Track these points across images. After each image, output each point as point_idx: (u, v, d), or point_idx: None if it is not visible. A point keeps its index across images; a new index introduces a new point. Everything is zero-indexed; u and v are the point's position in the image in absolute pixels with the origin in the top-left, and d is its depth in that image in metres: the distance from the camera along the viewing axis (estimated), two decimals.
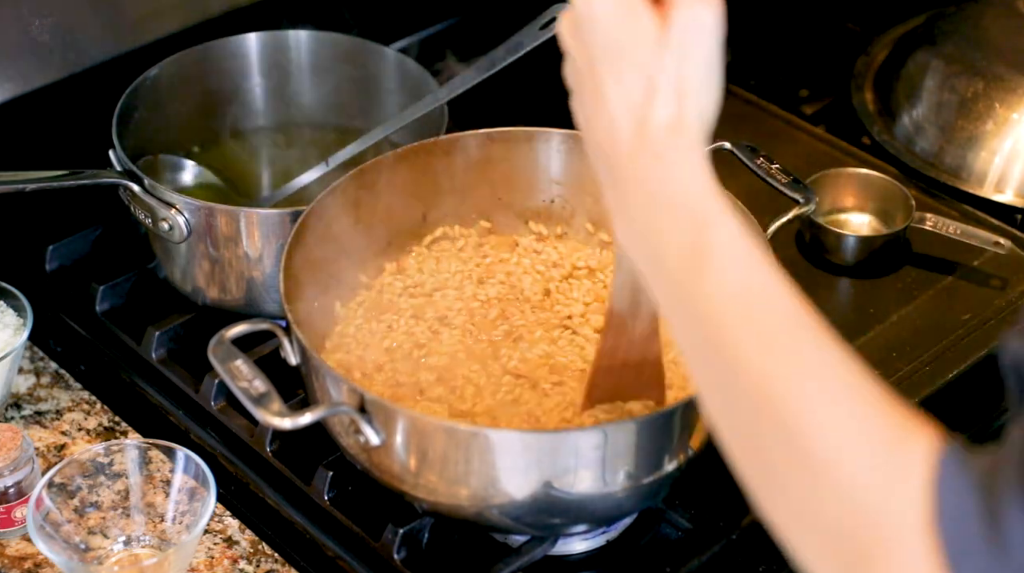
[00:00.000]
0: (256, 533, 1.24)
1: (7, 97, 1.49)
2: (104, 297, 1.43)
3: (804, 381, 0.79)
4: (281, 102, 1.55)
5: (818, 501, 0.77)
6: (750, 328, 0.81)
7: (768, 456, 0.80)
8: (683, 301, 0.85)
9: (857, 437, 0.76)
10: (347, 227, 1.29)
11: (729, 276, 0.83)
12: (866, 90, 1.70)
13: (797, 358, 0.80)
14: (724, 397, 0.83)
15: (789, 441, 0.78)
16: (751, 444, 0.81)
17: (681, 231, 0.85)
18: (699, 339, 0.84)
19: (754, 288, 0.82)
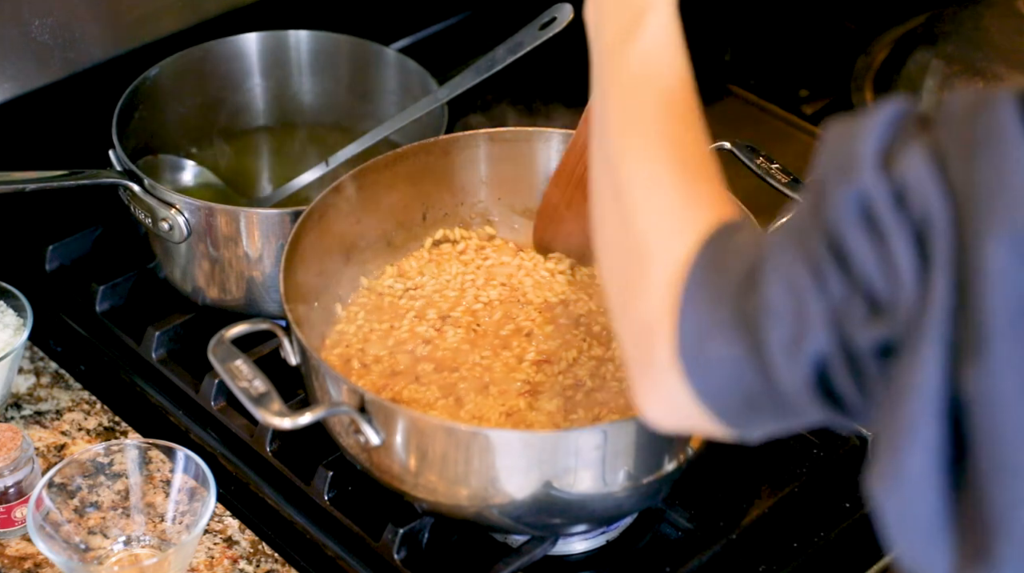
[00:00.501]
0: (256, 533, 1.24)
1: (7, 97, 1.49)
2: (104, 297, 1.43)
3: (640, 144, 0.93)
4: (281, 102, 1.55)
5: (619, 240, 0.91)
6: (624, 89, 0.95)
7: (603, 201, 0.94)
8: (599, 75, 0.98)
9: (662, 196, 0.90)
10: (347, 227, 1.30)
11: (636, 54, 0.96)
12: (866, 90, 1.70)
13: (647, 127, 0.93)
14: (593, 146, 0.97)
15: (616, 189, 0.92)
16: (597, 192, 0.95)
17: (627, 10, 0.97)
18: (599, 108, 0.97)
19: (652, 60, 0.95)
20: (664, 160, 0.91)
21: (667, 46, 0.96)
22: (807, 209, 0.79)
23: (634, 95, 0.95)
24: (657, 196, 0.90)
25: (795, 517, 1.24)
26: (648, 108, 0.94)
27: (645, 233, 0.89)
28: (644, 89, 0.95)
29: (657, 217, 0.89)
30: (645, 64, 0.95)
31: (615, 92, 0.96)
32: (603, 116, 0.96)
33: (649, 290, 0.86)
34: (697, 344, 0.83)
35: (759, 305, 0.79)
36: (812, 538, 1.23)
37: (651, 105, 0.94)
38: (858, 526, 1.24)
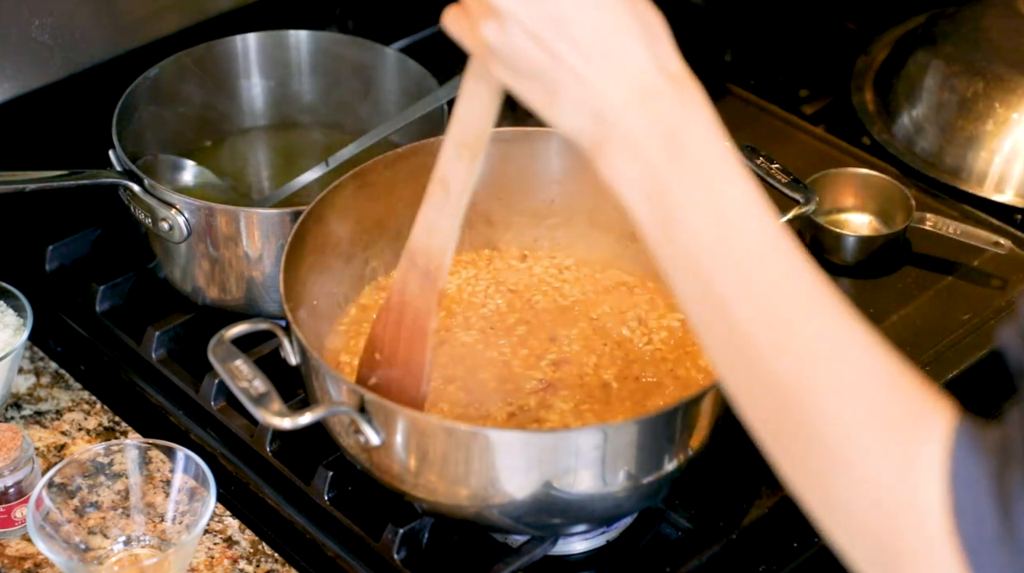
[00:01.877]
0: (256, 533, 1.24)
1: (7, 97, 1.49)
2: (104, 297, 1.43)
3: (815, 367, 0.78)
4: (281, 102, 1.55)
5: (839, 489, 0.77)
6: (773, 303, 0.79)
7: (788, 439, 0.79)
8: (699, 268, 0.81)
9: (871, 424, 0.76)
10: (347, 227, 1.29)
11: (753, 246, 0.80)
12: (866, 90, 1.70)
13: (809, 341, 0.78)
14: (740, 380, 0.82)
15: (804, 431, 0.78)
16: (772, 426, 0.81)
17: (697, 185, 0.81)
18: (715, 311, 0.81)
19: (778, 259, 0.80)
20: (855, 371, 0.77)
21: (772, 219, 0.80)
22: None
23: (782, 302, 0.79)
24: (868, 423, 0.76)
25: (795, 517, 1.23)
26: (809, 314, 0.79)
27: (876, 479, 0.76)
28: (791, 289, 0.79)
29: (882, 453, 0.75)
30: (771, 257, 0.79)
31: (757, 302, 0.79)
32: (744, 331, 0.80)
33: (922, 555, 0.74)
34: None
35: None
36: (812, 538, 1.22)
37: (810, 308, 0.79)
38: None
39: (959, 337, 1.39)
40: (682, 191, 0.81)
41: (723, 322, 0.81)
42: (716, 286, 0.80)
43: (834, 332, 0.79)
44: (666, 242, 0.82)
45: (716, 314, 0.81)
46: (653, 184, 0.82)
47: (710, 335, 0.82)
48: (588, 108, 0.84)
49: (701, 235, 0.80)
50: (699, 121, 0.82)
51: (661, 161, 0.81)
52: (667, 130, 0.81)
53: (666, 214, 0.81)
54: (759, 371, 0.79)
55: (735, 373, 0.82)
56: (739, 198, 0.81)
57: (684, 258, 0.82)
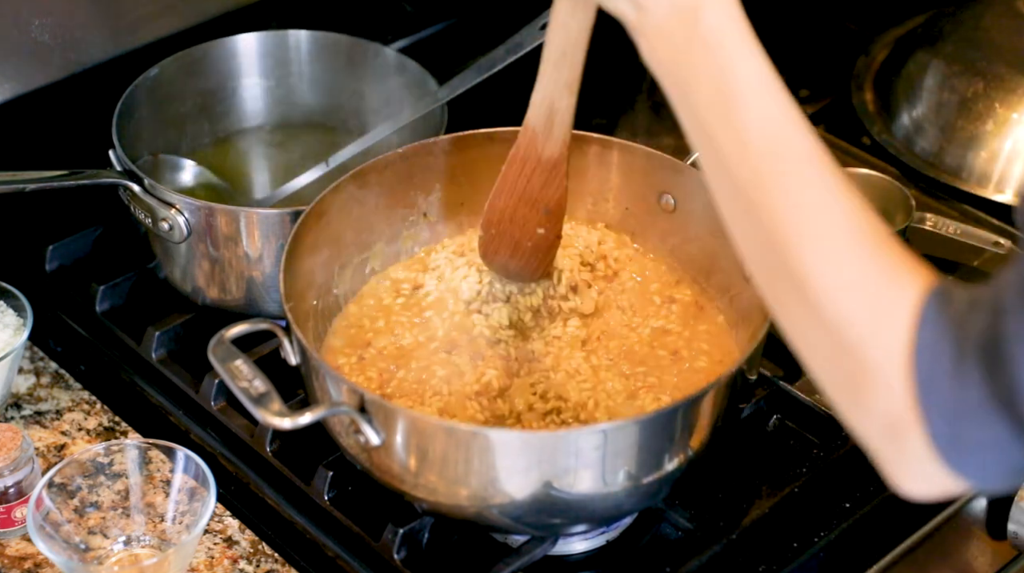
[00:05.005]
0: (256, 533, 1.24)
1: (7, 97, 1.49)
2: (104, 297, 1.43)
3: (810, 221, 0.86)
4: (281, 102, 1.55)
5: (818, 330, 0.86)
6: (769, 167, 0.88)
7: (778, 285, 0.89)
8: (709, 135, 0.91)
9: (851, 275, 0.85)
10: (347, 227, 1.29)
11: (754, 115, 0.89)
12: (866, 90, 1.70)
13: (807, 198, 0.87)
14: (744, 229, 0.91)
15: (791, 275, 0.87)
16: (765, 272, 0.90)
17: (710, 66, 0.90)
18: (721, 171, 0.91)
19: (776, 129, 0.89)
20: (842, 232, 0.86)
21: (775, 95, 0.90)
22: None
23: (773, 167, 0.88)
24: (848, 277, 0.85)
25: (795, 517, 1.24)
26: (796, 177, 0.88)
27: (848, 324, 0.84)
28: (781, 158, 0.89)
29: (856, 302, 0.85)
30: (766, 131, 0.89)
31: (748, 165, 0.89)
32: (743, 194, 0.89)
33: (878, 383, 0.83)
34: (951, 431, 0.81)
35: (1016, 392, 0.77)
36: (812, 538, 1.23)
37: (798, 173, 0.88)
38: (858, 526, 1.24)
39: None
40: (694, 66, 0.91)
41: (727, 180, 0.91)
42: (722, 149, 0.90)
43: (825, 192, 0.87)
44: (684, 111, 0.93)
45: (722, 173, 0.91)
46: (672, 60, 0.93)
47: (719, 191, 0.92)
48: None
49: (709, 105, 0.91)
50: (717, 5, 0.92)
51: (680, 40, 0.92)
52: (688, 13, 0.91)
53: (683, 86, 0.92)
54: (756, 222, 0.89)
55: (738, 224, 0.92)
56: (745, 73, 0.90)
57: (697, 124, 0.92)
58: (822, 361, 0.88)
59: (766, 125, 0.89)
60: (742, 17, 0.91)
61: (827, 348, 0.86)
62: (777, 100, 0.90)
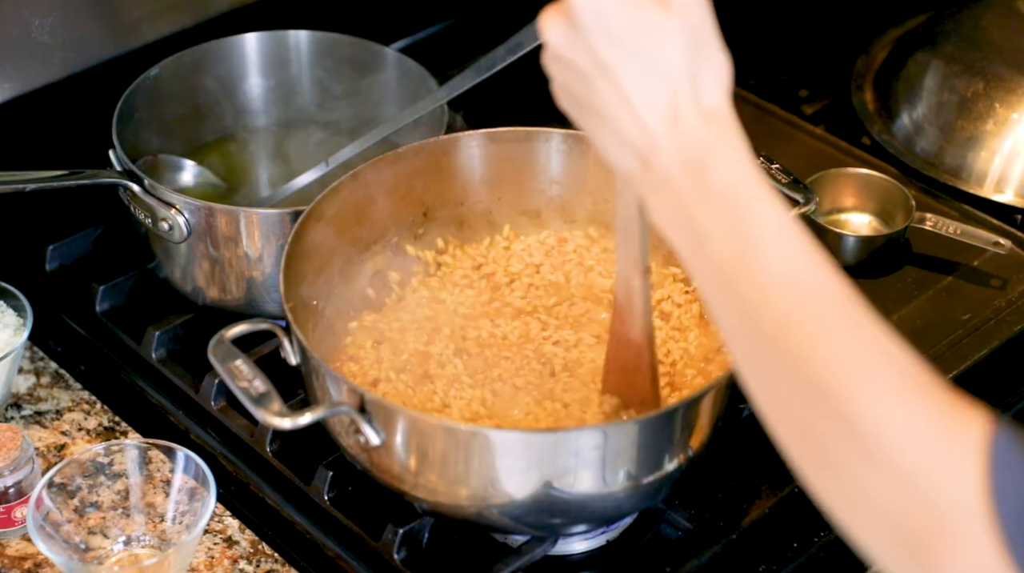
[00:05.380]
0: (256, 533, 1.24)
1: (7, 97, 1.49)
2: (104, 297, 1.43)
3: (858, 368, 0.80)
4: (281, 102, 1.55)
5: (877, 487, 0.78)
6: (801, 314, 0.82)
7: (823, 443, 0.81)
8: (729, 287, 0.85)
9: (912, 422, 0.78)
10: (347, 227, 1.29)
11: (778, 262, 0.83)
12: (866, 90, 1.70)
13: (849, 344, 0.81)
14: (774, 384, 0.84)
15: (845, 428, 0.79)
16: (804, 431, 0.82)
17: (726, 216, 0.85)
18: (746, 326, 0.84)
19: (803, 274, 0.83)
20: (894, 375, 0.79)
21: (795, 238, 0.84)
22: None
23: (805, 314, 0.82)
24: (911, 421, 0.78)
25: (795, 517, 1.24)
26: (833, 323, 0.82)
27: (919, 471, 0.77)
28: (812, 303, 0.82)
29: (924, 448, 0.77)
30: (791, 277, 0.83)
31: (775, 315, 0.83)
32: (773, 345, 0.83)
33: (958, 538, 0.76)
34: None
35: None
36: (812, 538, 1.23)
37: (834, 318, 0.82)
38: None
39: (959, 337, 1.38)
40: (708, 219, 0.85)
41: (752, 330, 0.84)
42: (746, 300, 0.84)
43: (868, 339, 0.81)
44: (697, 264, 0.87)
45: (746, 324, 0.84)
46: (683, 215, 0.87)
47: (741, 344, 0.86)
48: (632, 148, 0.88)
49: (728, 258, 0.85)
50: (727, 153, 0.86)
51: (690, 194, 0.86)
52: (697, 166, 0.86)
53: (695, 240, 0.86)
54: (791, 372, 0.82)
55: (766, 377, 0.85)
56: (764, 222, 0.84)
57: (714, 277, 0.86)
58: (880, 521, 0.79)
59: (793, 271, 0.83)
60: (754, 165, 0.87)
61: (887, 505, 0.78)
62: (800, 245, 0.84)
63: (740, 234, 0.84)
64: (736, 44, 0.95)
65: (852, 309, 0.82)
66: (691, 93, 0.87)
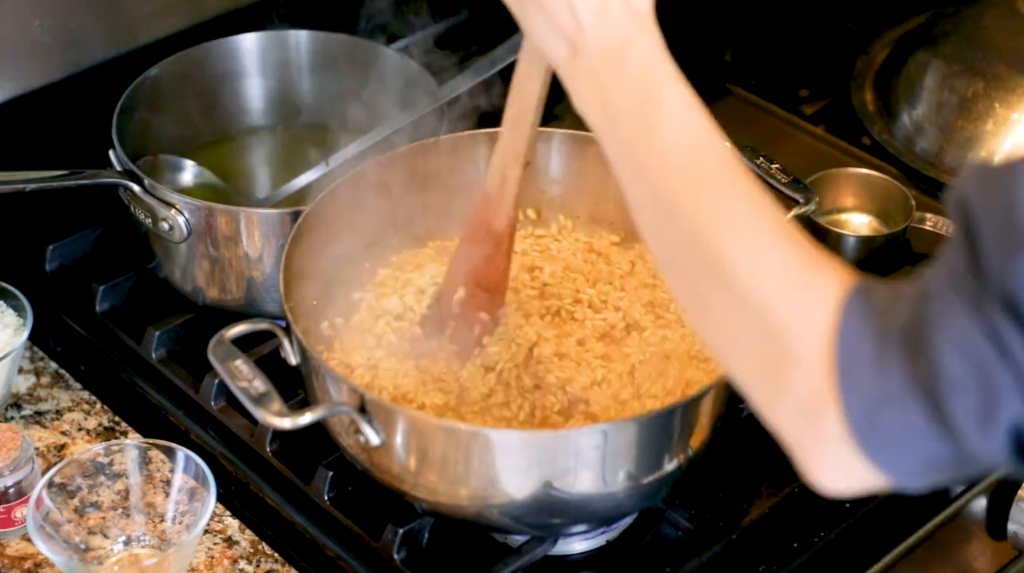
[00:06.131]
0: (256, 533, 1.24)
1: (7, 97, 1.49)
2: (104, 297, 1.43)
3: (731, 219, 0.89)
4: (281, 102, 1.55)
5: (739, 321, 0.88)
6: (689, 176, 0.92)
7: (700, 287, 0.91)
8: (633, 158, 0.94)
9: (775, 267, 0.87)
10: (347, 227, 1.29)
11: (674, 132, 0.93)
12: (866, 90, 1.70)
13: (726, 202, 0.90)
14: (666, 243, 0.93)
15: (717, 271, 0.88)
16: (687, 279, 0.92)
17: (635, 91, 0.94)
18: (645, 192, 0.94)
19: (694, 142, 0.93)
20: (765, 229, 0.88)
21: (694, 114, 0.93)
22: (966, 271, 0.78)
23: (694, 175, 0.91)
24: (773, 268, 0.87)
25: (795, 517, 1.24)
26: (717, 183, 0.91)
27: (772, 310, 0.85)
28: (702, 167, 0.92)
29: (781, 290, 0.86)
30: (687, 145, 0.92)
31: (670, 177, 0.92)
32: (666, 204, 0.92)
33: (798, 370, 0.83)
34: (869, 418, 0.81)
35: (935, 375, 0.78)
36: (812, 538, 1.23)
37: (719, 180, 0.91)
38: (858, 526, 1.24)
39: None
40: (621, 98, 0.95)
41: (648, 192, 0.94)
42: (645, 166, 0.93)
43: (744, 193, 0.90)
44: (609, 143, 0.96)
45: (644, 187, 0.94)
46: (601, 97, 0.96)
47: (639, 206, 0.95)
48: (563, 35, 0.97)
49: (634, 131, 0.94)
50: (643, 44, 0.96)
51: (608, 76, 0.96)
52: (616, 52, 0.96)
53: (609, 119, 0.96)
54: (677, 226, 0.91)
55: (658, 233, 0.94)
56: (668, 98, 0.94)
57: (621, 151, 0.95)
58: (742, 350, 0.88)
59: (688, 138, 0.92)
60: (666, 56, 0.95)
61: (748, 335, 0.87)
62: (697, 116, 0.93)
63: (646, 110, 0.94)
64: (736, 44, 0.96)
65: (737, 178, 0.91)
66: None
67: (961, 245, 0.78)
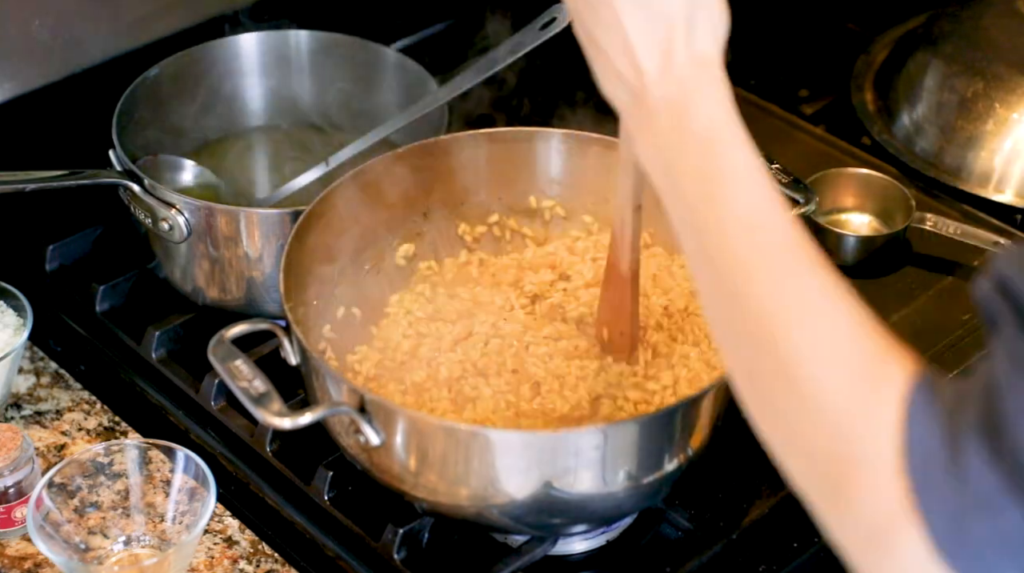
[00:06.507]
0: (256, 533, 1.24)
1: (7, 97, 1.49)
2: (104, 297, 1.43)
3: (797, 312, 0.84)
4: (281, 102, 1.55)
5: (801, 425, 0.82)
6: (752, 256, 0.87)
7: (763, 382, 0.85)
8: (694, 225, 0.90)
9: (838, 365, 0.82)
10: (347, 227, 1.29)
11: (739, 204, 0.88)
12: (866, 90, 1.70)
13: (792, 289, 0.85)
14: (726, 322, 0.89)
15: (781, 369, 0.83)
16: (748, 368, 0.87)
17: (699, 156, 0.90)
18: (706, 264, 0.89)
19: (761, 218, 0.88)
20: (828, 319, 0.83)
21: (758, 185, 0.89)
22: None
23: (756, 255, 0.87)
24: (837, 368, 0.81)
25: (795, 517, 1.24)
26: (779, 267, 0.86)
27: (838, 415, 0.80)
28: (764, 246, 0.87)
29: (845, 393, 0.80)
30: (749, 220, 0.87)
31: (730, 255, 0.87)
32: (726, 282, 0.88)
33: (867, 482, 0.78)
34: (954, 529, 0.75)
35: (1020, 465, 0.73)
36: (812, 538, 1.23)
37: (780, 261, 0.86)
38: None
39: (959, 337, 1.38)
40: (683, 156, 0.91)
41: (711, 270, 0.89)
42: (707, 237, 0.89)
43: (811, 285, 0.85)
44: (671, 202, 0.92)
45: (707, 263, 0.89)
46: (663, 151, 0.92)
47: (703, 282, 0.91)
48: (626, 84, 0.93)
49: (696, 195, 0.90)
50: (709, 98, 0.91)
51: (671, 131, 0.92)
52: (680, 106, 0.91)
53: (672, 176, 0.91)
54: (739, 311, 0.87)
55: (721, 316, 0.90)
56: (733, 164, 0.89)
57: (684, 214, 0.91)
58: (805, 459, 0.83)
59: (751, 215, 0.88)
60: (733, 109, 0.91)
61: (812, 443, 0.82)
62: (762, 190, 0.89)
63: (708, 175, 0.89)
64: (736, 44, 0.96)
65: (800, 256, 0.86)
66: (686, 38, 0.91)
67: (1017, 327, 0.75)
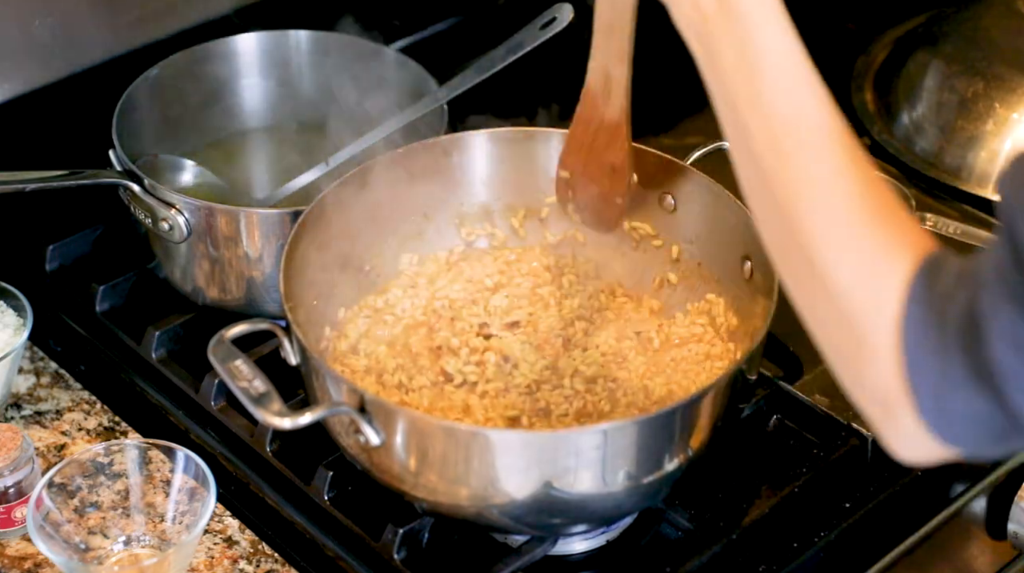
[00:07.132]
0: (256, 533, 1.24)
1: (7, 97, 1.49)
2: (104, 297, 1.43)
3: (817, 193, 0.90)
4: (281, 102, 1.55)
5: (819, 303, 0.91)
6: (781, 135, 0.92)
7: (789, 255, 0.93)
8: (731, 101, 0.95)
9: (850, 250, 0.89)
10: (347, 227, 1.29)
11: (773, 83, 0.93)
12: (866, 90, 1.70)
13: (815, 169, 0.91)
14: (759, 196, 0.95)
15: (800, 248, 0.90)
16: (778, 241, 0.94)
17: (737, 38, 0.94)
18: (741, 139, 0.94)
19: (793, 98, 0.92)
20: (846, 204, 0.90)
21: (800, 64, 0.94)
22: (1011, 266, 0.80)
23: (793, 135, 0.92)
24: (849, 248, 0.89)
25: (795, 517, 1.24)
26: (812, 148, 0.92)
27: (849, 294, 0.88)
28: (801, 125, 0.92)
29: (856, 273, 0.88)
30: (789, 96, 0.93)
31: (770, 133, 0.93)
32: (760, 159, 0.93)
33: (871, 357, 0.87)
34: (937, 404, 0.85)
35: (992, 368, 0.81)
36: (812, 538, 1.23)
37: (815, 144, 0.92)
38: (858, 526, 1.24)
39: None
40: (722, 34, 0.95)
41: (746, 148, 0.94)
42: (743, 117, 0.94)
43: (835, 164, 0.90)
44: (710, 78, 0.96)
45: (743, 142, 0.94)
46: (702, 28, 0.96)
47: (739, 159, 0.96)
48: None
49: (734, 72, 0.94)
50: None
51: (710, 7, 0.95)
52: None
53: (711, 53, 0.96)
54: (770, 192, 0.93)
55: (755, 193, 0.95)
56: (770, 44, 0.94)
57: (722, 91, 0.96)
58: (827, 333, 0.91)
59: (787, 96, 0.92)
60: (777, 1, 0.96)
61: (830, 320, 0.90)
62: (799, 72, 0.93)
63: (745, 54, 0.94)
64: None
65: (827, 137, 0.91)
66: None
67: (1005, 238, 0.81)
